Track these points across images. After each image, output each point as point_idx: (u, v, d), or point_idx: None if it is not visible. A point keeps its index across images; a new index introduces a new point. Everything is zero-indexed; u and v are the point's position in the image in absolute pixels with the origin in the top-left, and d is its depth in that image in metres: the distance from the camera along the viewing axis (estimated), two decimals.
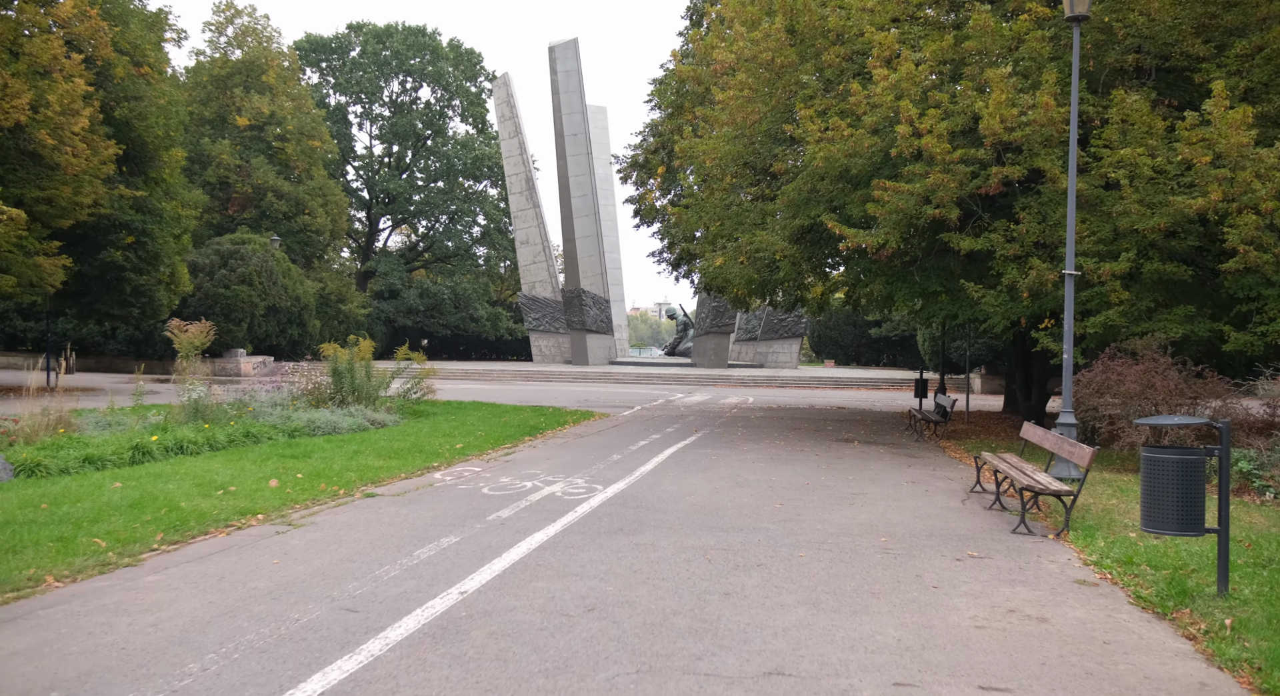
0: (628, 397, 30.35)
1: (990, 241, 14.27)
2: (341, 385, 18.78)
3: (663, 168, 23.61)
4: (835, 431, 19.73)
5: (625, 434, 17.86)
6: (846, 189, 16.18)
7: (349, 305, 54.27)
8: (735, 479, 12.04)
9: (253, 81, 52.83)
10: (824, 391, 39.36)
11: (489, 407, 22.85)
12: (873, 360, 67.93)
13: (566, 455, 14.17)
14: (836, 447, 16.42)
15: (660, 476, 12.13)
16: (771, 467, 13.31)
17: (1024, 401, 21.82)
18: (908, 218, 14.45)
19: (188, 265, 42.49)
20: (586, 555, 7.42)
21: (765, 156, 18.07)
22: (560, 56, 54.43)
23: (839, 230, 14.91)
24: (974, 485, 11.72)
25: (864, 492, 11.18)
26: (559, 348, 57.89)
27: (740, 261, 19.07)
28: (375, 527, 8.21)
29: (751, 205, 18.73)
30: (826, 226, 15.75)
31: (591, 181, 55.62)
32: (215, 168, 49.92)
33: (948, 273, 16.69)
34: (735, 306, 28.25)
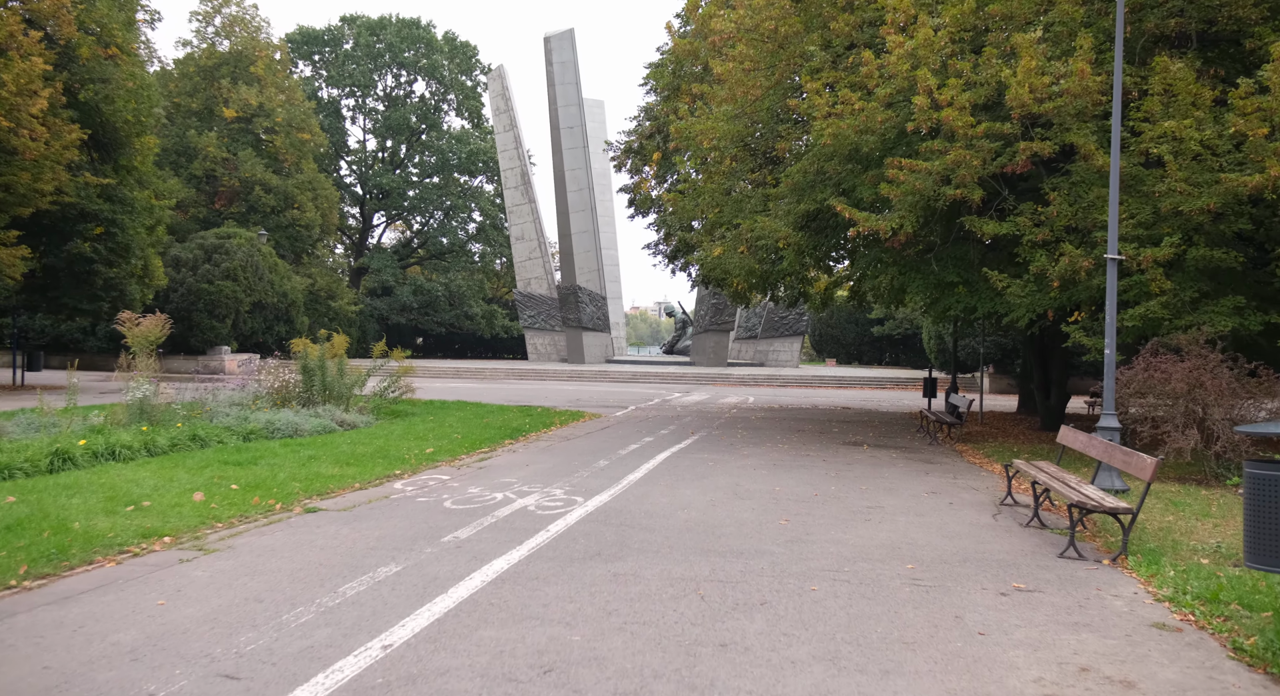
0: (622, 397, 29.02)
1: (1016, 226, 12.93)
2: (312, 384, 17.44)
3: (658, 154, 22.27)
4: (842, 434, 18.40)
5: (615, 436, 16.53)
6: (856, 170, 14.85)
7: (339, 302, 52.94)
8: (734, 489, 10.70)
9: (240, 72, 51.49)
10: (827, 391, 38.03)
11: (473, 407, 21.52)
12: (875, 359, 66.62)
13: (548, 461, 12.83)
14: (845, 452, 15.09)
15: (650, 486, 10.79)
16: (774, 475, 11.98)
17: (1042, 402, 20.49)
18: (925, 200, 13.11)
19: (170, 260, 41.26)
20: (553, 589, 6.09)
21: (768, 137, 16.74)
22: (556, 47, 53.08)
23: (849, 214, 13.57)
24: (1004, 497, 10.37)
25: (880, 505, 9.84)
26: (555, 346, 56.55)
27: (740, 251, 17.74)
28: (304, 553, 6.88)
29: (753, 192, 17.40)
30: (834, 211, 14.42)
31: (588, 175, 54.27)
32: (202, 160, 48.59)
33: (966, 262, 15.36)
34: (735, 302, 26.95)
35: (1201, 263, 12.12)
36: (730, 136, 16.43)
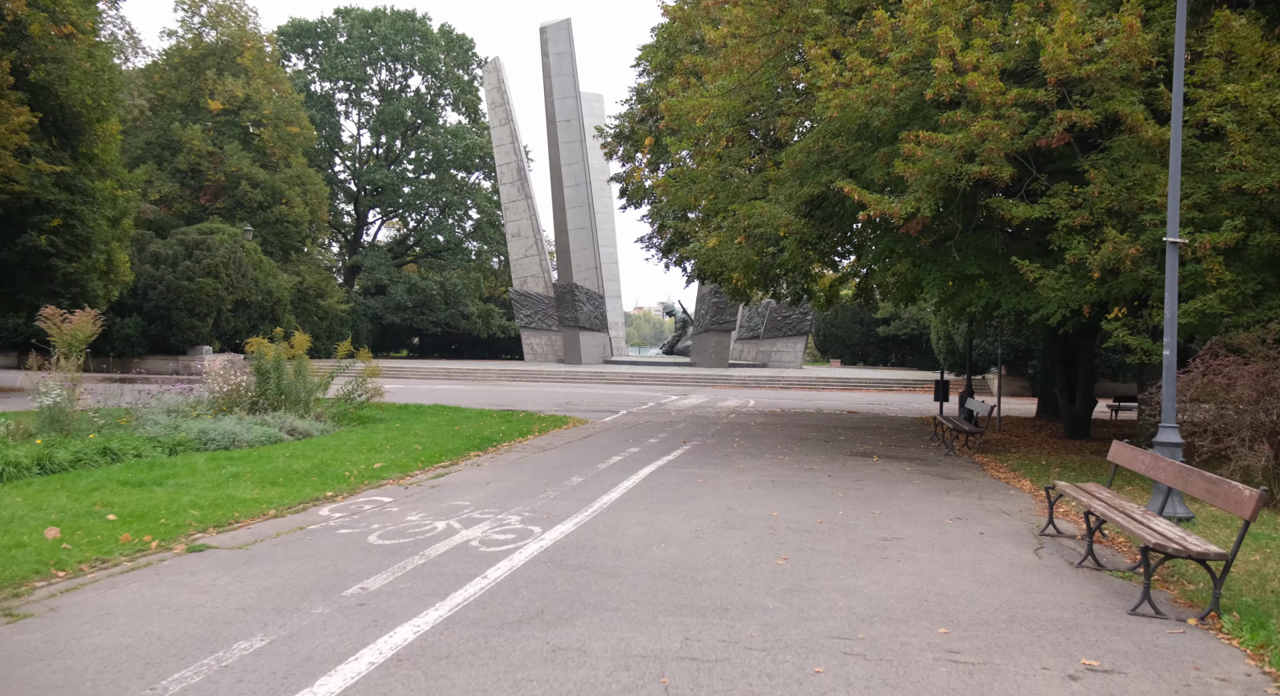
0: (615, 400, 27.39)
1: (1050, 208, 11.28)
2: (266, 387, 15.84)
3: (650, 139, 20.64)
4: (849, 442, 16.76)
5: (598, 446, 14.90)
6: (866, 148, 13.23)
7: (329, 300, 51.35)
8: (724, 515, 9.08)
9: (227, 64, 49.92)
10: (831, 393, 36.37)
11: (449, 412, 19.90)
12: (880, 359, 64.92)
13: (513, 477, 11.21)
14: (853, 464, 13.46)
15: (625, 511, 9.17)
16: (773, 495, 10.35)
17: (1066, 407, 18.83)
18: (945, 179, 11.48)
19: (149, 256, 39.75)
20: (463, 677, 4.47)
21: (767, 115, 15.11)
22: (552, 37, 51.46)
23: (858, 196, 11.93)
24: (1045, 526, 8.72)
25: (898, 536, 8.21)
26: (551, 346, 54.93)
27: (737, 242, 16.10)
28: (147, 619, 5.26)
29: (751, 176, 15.77)
30: (841, 194, 12.80)
31: (585, 170, 52.65)
32: (186, 154, 47.05)
33: (988, 252, 13.72)
34: (734, 299, 25.31)
35: (1267, 250, 10.49)
36: (726, 113, 14.79)
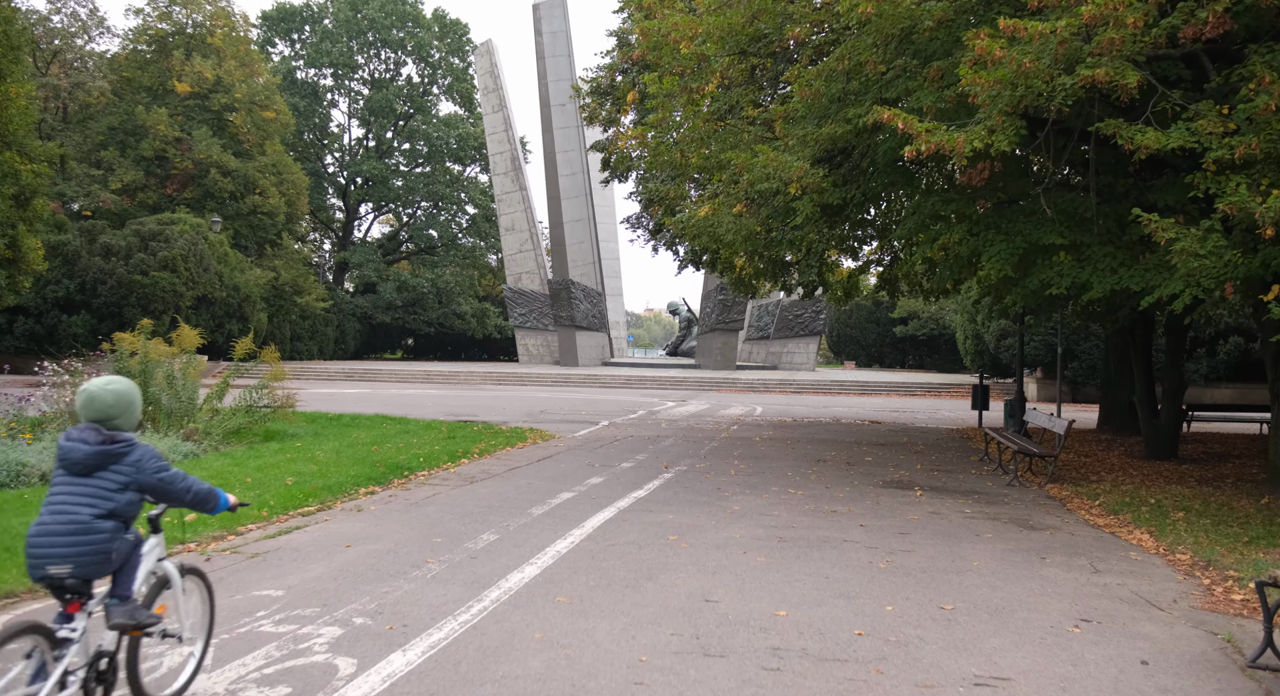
0: (600, 408, 23.77)
1: (1194, 134, 7.60)
2: None
3: (634, 94, 17.01)
4: (878, 465, 13.12)
5: (549, 475, 11.30)
6: (910, 67, 9.61)
7: (306, 298, 47.87)
8: (697, 618, 5.46)
9: (197, 44, 46.55)
10: (848, 398, 32.68)
11: (386, 425, 16.32)
12: (897, 361, 61.10)
13: (394, 534, 7.60)
14: (890, 503, 9.82)
15: (532, 608, 5.56)
16: (779, 568, 6.73)
17: (1147, 420, 15.09)
18: (1033, 95, 7.83)
19: (99, 247, 36.43)
20: None
21: (773, 38, 11.46)
22: (546, 16, 47.97)
23: (902, 124, 8.27)
24: (1260, 651, 5.01)
25: (1002, 675, 4.58)
26: (548, 346, 51.32)
27: (736, 210, 12.51)
28: None
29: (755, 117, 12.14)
30: (875, 134, 9.21)
31: (583, 158, 49.05)
32: (151, 140, 43.63)
33: (1073, 216, 10.09)
34: (737, 291, 21.69)
35: None
36: (720, 35, 11.15)
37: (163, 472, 3.65)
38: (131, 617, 3.54)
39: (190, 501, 3.79)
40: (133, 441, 3.63)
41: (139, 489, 3.60)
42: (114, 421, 3.63)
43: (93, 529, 3.41)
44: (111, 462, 3.53)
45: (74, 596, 3.42)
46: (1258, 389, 29.11)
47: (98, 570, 3.44)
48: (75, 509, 3.43)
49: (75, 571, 3.37)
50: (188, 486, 3.75)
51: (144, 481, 3.60)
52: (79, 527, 3.39)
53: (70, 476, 3.50)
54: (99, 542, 3.41)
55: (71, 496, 3.45)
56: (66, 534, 3.37)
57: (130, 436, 3.65)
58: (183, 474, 3.77)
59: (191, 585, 4.18)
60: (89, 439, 3.52)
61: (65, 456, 3.51)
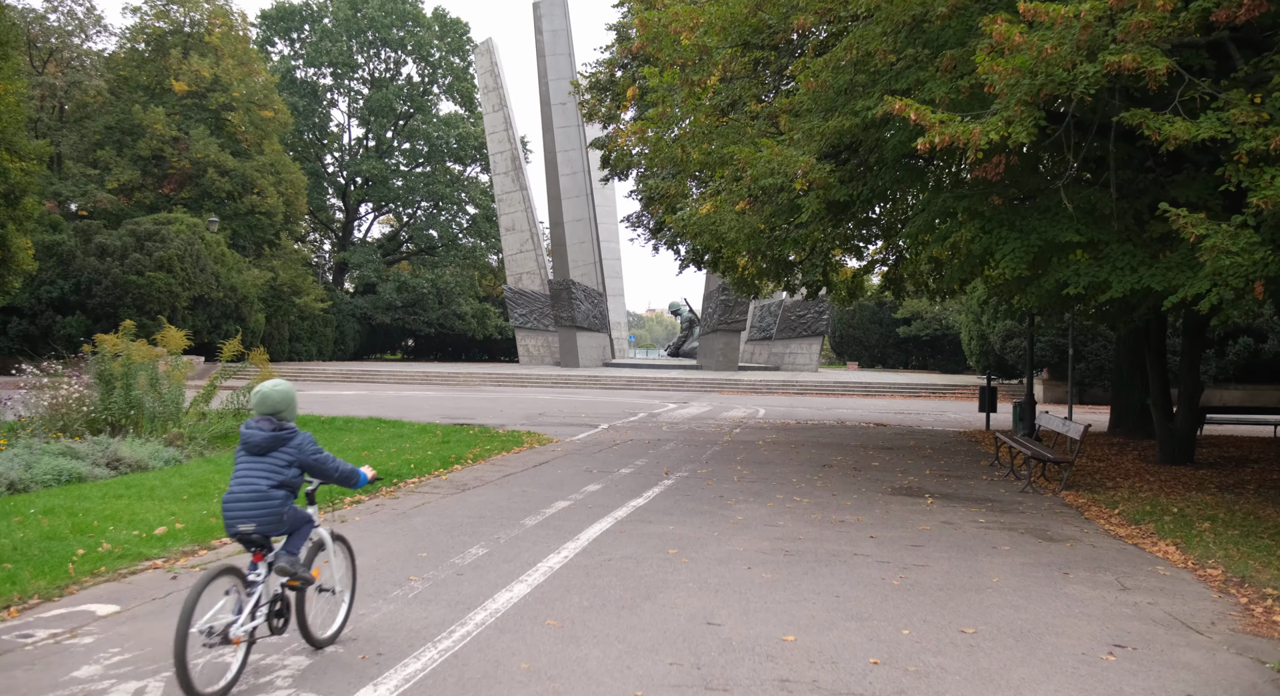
0: (600, 410, 23.35)
1: (1227, 124, 7.17)
2: (111, 400, 11.90)
3: (633, 89, 16.61)
4: (885, 470, 12.69)
5: (545, 482, 10.88)
6: (922, 56, 9.20)
7: (305, 298, 47.47)
8: (698, 644, 5.04)
9: (194, 42, 46.17)
10: (852, 400, 32.24)
11: (380, 429, 15.91)
12: (900, 362, 60.64)
13: (375, 548, 7.17)
14: (900, 512, 9.39)
15: (521, 634, 5.15)
16: (786, 585, 6.31)
17: (1162, 424, 14.64)
18: (1053, 84, 7.41)
19: (94, 248, 36.04)
20: None
21: (778, 28, 11.05)
22: (546, 13, 47.57)
23: (914, 115, 7.85)
24: None
25: None
26: (548, 347, 50.88)
27: (739, 207, 12.08)
28: None
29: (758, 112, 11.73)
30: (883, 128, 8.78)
31: (583, 157, 48.64)
32: (148, 140, 43.22)
33: (1091, 213, 9.67)
34: (740, 292, 21.30)
35: None
36: (722, 26, 10.76)
37: (318, 454, 4.60)
38: (291, 567, 4.44)
39: (337, 478, 4.72)
40: (295, 429, 4.58)
41: (300, 466, 4.55)
42: (281, 414, 4.55)
43: (269, 496, 4.37)
44: (280, 445, 4.48)
45: (257, 549, 4.40)
46: (1268, 390, 28.66)
47: (273, 528, 4.40)
48: (255, 480, 4.38)
49: (258, 528, 4.34)
50: (335, 466, 4.68)
51: (304, 460, 4.55)
52: (259, 495, 4.35)
53: (250, 456, 4.46)
54: (273, 507, 4.37)
55: (252, 471, 4.41)
56: (249, 499, 4.34)
57: (293, 425, 4.59)
58: (331, 456, 4.70)
59: (339, 549, 5.03)
60: (264, 427, 4.48)
61: (247, 440, 4.47)
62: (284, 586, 4.53)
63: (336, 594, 4.92)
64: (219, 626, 4.04)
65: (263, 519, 4.34)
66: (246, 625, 4.18)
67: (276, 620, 4.47)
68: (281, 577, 4.47)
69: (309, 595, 4.69)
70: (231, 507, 4.35)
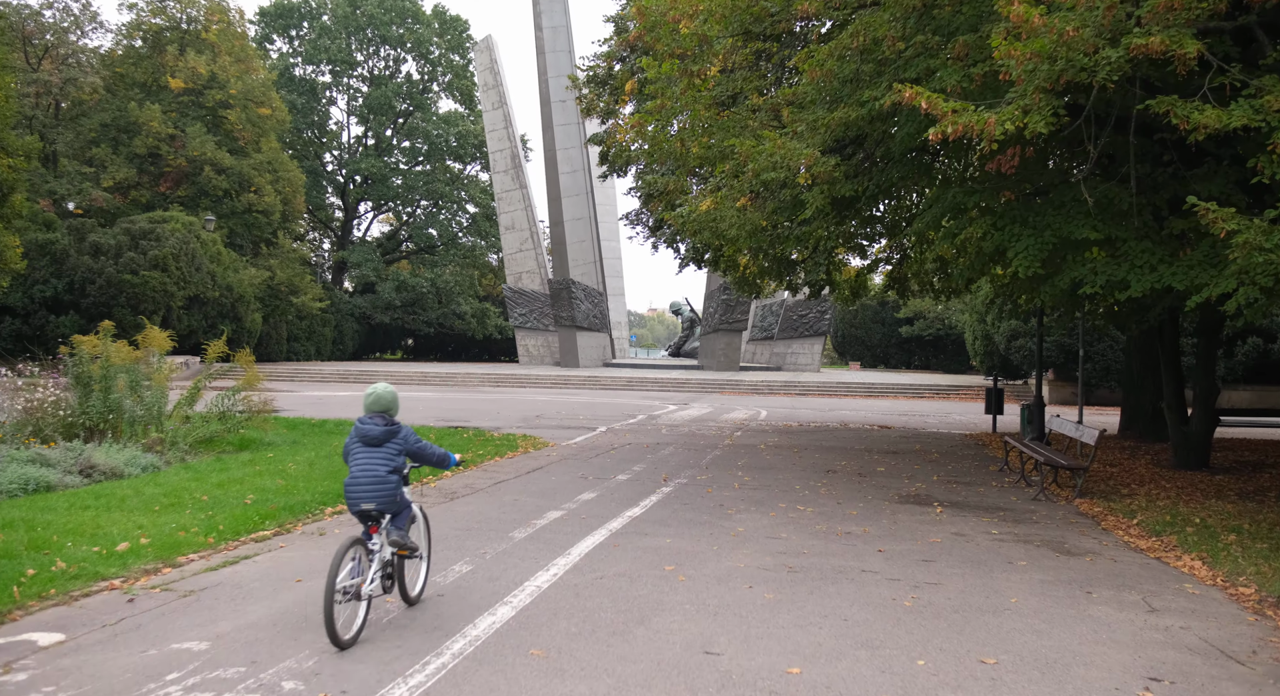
0: (599, 412, 22.92)
1: (1261, 112, 6.73)
2: (89, 404, 11.47)
3: (632, 83, 16.17)
4: (891, 476, 12.25)
5: (538, 490, 10.44)
6: (932, 44, 8.75)
7: (302, 298, 47.02)
8: (694, 681, 4.60)
9: (191, 39, 45.74)
10: (855, 401, 31.81)
11: None
12: (903, 362, 60.16)
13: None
14: (909, 522, 8.95)
15: (502, 664, 4.72)
16: (791, 607, 5.87)
17: (1176, 427, 14.19)
18: (1074, 70, 6.97)
19: (89, 246, 35.63)
20: None
21: (780, 19, 10.61)
22: (546, 10, 47.12)
23: (926, 104, 7.42)
24: None
25: None
26: (548, 347, 50.44)
27: (740, 203, 11.65)
28: None
29: (760, 104, 11.29)
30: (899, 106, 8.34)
31: (584, 156, 48.18)
32: (144, 137, 42.78)
33: (1109, 208, 9.23)
34: (741, 291, 20.84)
35: None
36: (722, 13, 10.32)
37: (419, 443, 5.53)
38: (403, 540, 5.35)
39: (434, 462, 5.64)
40: (399, 423, 5.45)
41: (407, 453, 5.46)
42: (388, 411, 5.46)
43: (385, 480, 5.25)
44: (391, 437, 5.35)
45: (374, 523, 5.27)
46: (1278, 392, 28.21)
47: (388, 506, 5.27)
48: (375, 467, 5.25)
49: (377, 506, 5.23)
50: (433, 452, 5.62)
51: (409, 448, 5.46)
52: (377, 479, 5.24)
53: (366, 447, 5.32)
54: (389, 488, 5.26)
55: (370, 459, 5.27)
56: (370, 482, 5.23)
57: (398, 420, 5.49)
58: (429, 444, 5.62)
59: (422, 521, 5.93)
60: (378, 423, 5.36)
61: (364, 434, 5.33)
62: (394, 555, 5.35)
63: (421, 557, 5.85)
64: (350, 586, 4.94)
65: (381, 498, 5.22)
66: (371, 585, 5.08)
67: (386, 581, 5.31)
68: (392, 547, 5.31)
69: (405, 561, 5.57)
70: (354, 489, 5.23)
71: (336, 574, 4.80)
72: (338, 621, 4.79)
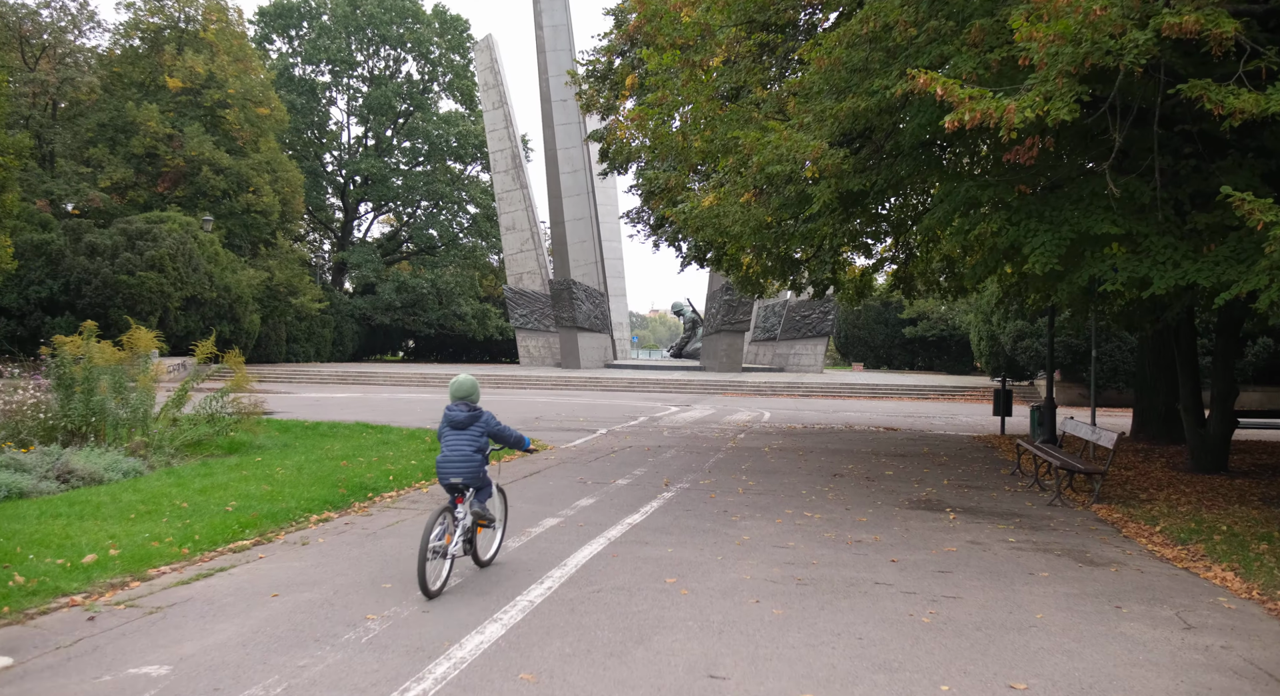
0: (599, 414, 22.53)
1: None
2: (70, 405, 11.09)
3: (633, 77, 15.78)
4: (900, 480, 11.85)
5: (534, 495, 10.06)
6: (946, 30, 8.37)
7: (301, 299, 46.66)
8: None
9: (189, 38, 45.40)
10: (859, 402, 31.40)
11: (365, 436, 15.09)
12: (906, 363, 59.80)
13: (334, 578, 6.36)
14: (921, 529, 8.56)
15: (489, 694, 4.32)
16: (801, 624, 5.48)
17: (1193, 429, 13.80)
18: (1100, 51, 6.58)
19: (84, 247, 35.30)
20: None
21: (785, 7, 10.23)
22: (546, 8, 46.76)
23: (941, 90, 7.03)
24: None
25: None
26: (549, 348, 50.06)
27: (744, 199, 11.27)
28: None
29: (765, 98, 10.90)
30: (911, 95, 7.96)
31: (584, 155, 47.83)
32: (141, 137, 42.45)
33: (1131, 203, 8.84)
34: (745, 291, 20.44)
35: None
36: (725, 1, 9.93)
37: (499, 426, 6.36)
38: (484, 512, 6.28)
39: (512, 443, 6.46)
40: (481, 409, 6.30)
41: (489, 434, 6.28)
42: (470, 398, 6.28)
43: (470, 458, 6.12)
44: (475, 421, 6.18)
45: (459, 494, 6.11)
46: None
47: (473, 481, 6.12)
48: (461, 446, 6.12)
49: (463, 480, 6.09)
50: (511, 434, 6.43)
51: (490, 430, 6.28)
52: (464, 457, 6.10)
53: (453, 430, 6.16)
54: (475, 465, 6.12)
55: (458, 440, 6.13)
56: (458, 460, 6.10)
57: (479, 405, 6.32)
58: (508, 427, 6.46)
59: (499, 496, 6.85)
60: (463, 409, 6.19)
61: (452, 419, 6.17)
62: (474, 523, 6.19)
63: (496, 526, 6.72)
64: (439, 546, 5.77)
65: (467, 474, 6.12)
66: (456, 546, 5.93)
67: (467, 545, 6.17)
68: (473, 517, 6.16)
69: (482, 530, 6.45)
70: (445, 466, 6.14)
71: (429, 535, 5.66)
72: (428, 575, 5.66)
